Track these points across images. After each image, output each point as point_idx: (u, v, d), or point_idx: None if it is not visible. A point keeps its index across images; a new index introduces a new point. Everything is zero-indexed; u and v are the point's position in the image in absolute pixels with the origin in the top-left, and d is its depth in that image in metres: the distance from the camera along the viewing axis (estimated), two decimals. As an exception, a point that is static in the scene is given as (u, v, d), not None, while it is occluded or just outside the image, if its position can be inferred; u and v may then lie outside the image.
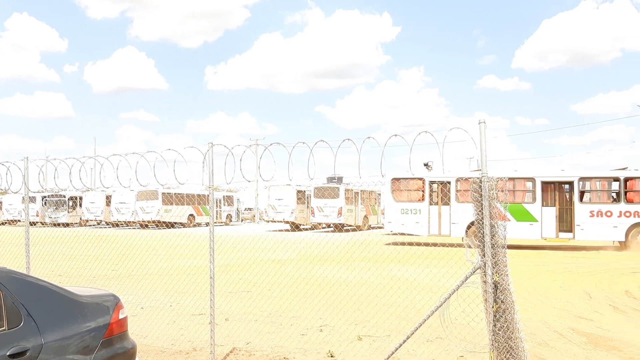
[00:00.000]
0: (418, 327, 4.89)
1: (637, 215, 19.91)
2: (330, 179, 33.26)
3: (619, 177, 20.31)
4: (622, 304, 9.34)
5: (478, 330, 5.46)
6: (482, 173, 4.79)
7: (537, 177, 20.94)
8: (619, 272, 13.53)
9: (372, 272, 12.76)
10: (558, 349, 6.50)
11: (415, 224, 21.87)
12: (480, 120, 4.80)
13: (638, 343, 6.75)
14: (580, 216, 20.35)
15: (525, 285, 11.36)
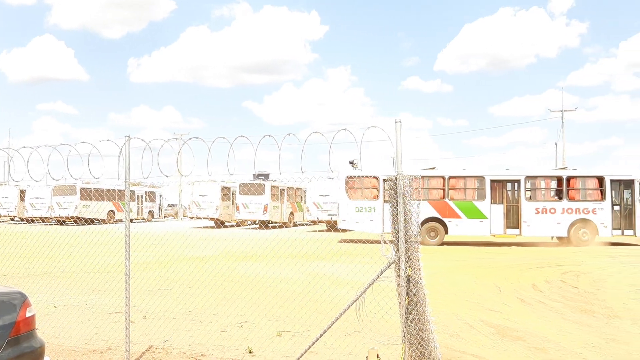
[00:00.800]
0: (334, 321, 4.99)
1: (578, 212, 21.21)
2: (257, 176, 33.10)
3: (562, 176, 21.67)
4: (529, 296, 9.89)
5: (392, 322, 5.65)
6: (397, 171, 4.95)
7: (486, 176, 21.79)
8: (528, 266, 14.30)
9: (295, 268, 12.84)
10: (468, 339, 6.82)
11: (369, 222, 21.87)
12: (397, 120, 4.95)
13: (541, 333, 7.18)
14: (526, 213, 21.40)
15: (441, 280, 11.80)
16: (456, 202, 21.73)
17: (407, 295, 4.88)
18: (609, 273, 13.01)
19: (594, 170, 21.85)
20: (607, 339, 6.88)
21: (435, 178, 22.06)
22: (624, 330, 7.31)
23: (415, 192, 5.07)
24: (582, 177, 21.57)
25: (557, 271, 13.32)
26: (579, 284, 11.24)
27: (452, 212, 21.70)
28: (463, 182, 21.97)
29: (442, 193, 21.86)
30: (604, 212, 21.18)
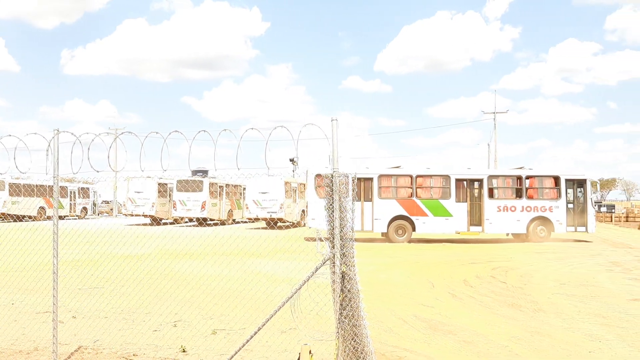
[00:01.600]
0: (269, 318, 4.99)
1: (536, 209, 22.22)
2: (195, 172, 32.55)
3: (521, 176, 22.55)
4: (460, 291, 10.21)
5: (326, 319, 5.71)
6: (334, 169, 4.99)
7: (451, 175, 22.40)
8: (460, 263, 14.76)
9: (233, 266, 12.74)
10: (401, 334, 6.97)
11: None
12: (333, 118, 4.99)
13: (471, 327, 7.43)
14: (488, 211, 22.22)
15: (378, 277, 12.01)
16: (423, 200, 22.19)
17: (341, 291, 4.94)
18: (535, 269, 13.60)
19: (550, 170, 22.98)
20: (532, 331, 7.19)
21: (403, 177, 22.45)
22: (547, 324, 7.66)
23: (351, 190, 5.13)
24: (540, 177, 22.67)
25: (487, 267, 13.82)
26: (508, 279, 11.70)
27: (419, 210, 22.12)
28: (430, 181, 22.52)
29: (410, 191, 22.26)
30: (559, 210, 22.23)
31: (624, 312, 8.43)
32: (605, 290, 10.51)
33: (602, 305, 8.92)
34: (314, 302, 5.58)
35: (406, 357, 5.92)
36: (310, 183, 22.24)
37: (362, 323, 5.02)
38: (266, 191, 29.43)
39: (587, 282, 11.52)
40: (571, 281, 11.57)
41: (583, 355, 6.08)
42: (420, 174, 22.47)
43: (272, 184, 29.15)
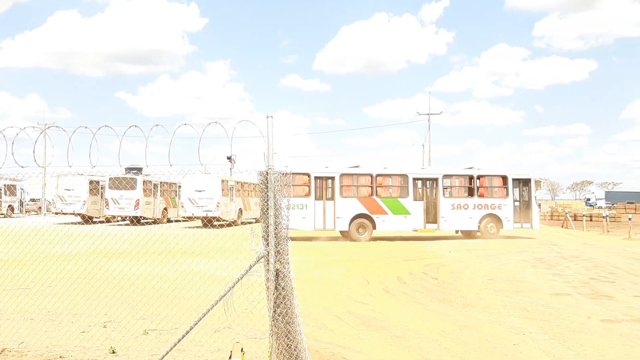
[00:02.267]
0: (201, 317, 4.94)
1: (486, 207, 23.38)
2: (129, 170, 31.66)
3: (473, 175, 23.53)
4: (394, 288, 10.43)
5: (260, 317, 5.71)
6: (268, 166, 5.00)
7: (409, 174, 23.10)
8: (394, 260, 15.07)
9: (166, 266, 12.50)
10: (335, 331, 7.06)
11: (301, 219, 21.84)
12: (268, 115, 5.00)
13: (403, 322, 7.61)
14: (443, 209, 23.09)
15: (314, 275, 12.08)
16: (383, 199, 22.71)
17: (275, 289, 4.95)
18: (465, 265, 14.07)
19: (498, 170, 24.29)
20: (461, 325, 7.44)
21: (364, 176, 22.87)
22: (475, 318, 7.94)
23: (285, 188, 5.14)
24: (489, 176, 23.84)
25: (420, 264, 14.17)
26: (439, 276, 12.04)
27: (379, 208, 22.57)
28: (389, 180, 23.13)
29: (370, 190, 22.69)
30: (507, 207, 23.52)
31: (547, 305, 8.85)
32: (530, 285, 11.00)
33: (527, 300, 9.34)
34: (247, 300, 5.57)
35: (339, 353, 6.00)
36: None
37: (296, 320, 5.05)
38: (202, 189, 29.00)
39: (514, 277, 12.02)
40: (499, 277, 12.05)
41: (508, 348, 6.35)
42: (380, 173, 22.97)
43: (208, 182, 28.75)
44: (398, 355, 6.02)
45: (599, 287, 10.79)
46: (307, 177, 22.29)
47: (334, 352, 6.03)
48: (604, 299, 9.47)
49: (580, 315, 8.12)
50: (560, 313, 8.27)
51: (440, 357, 5.94)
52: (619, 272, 13.07)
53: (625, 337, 6.89)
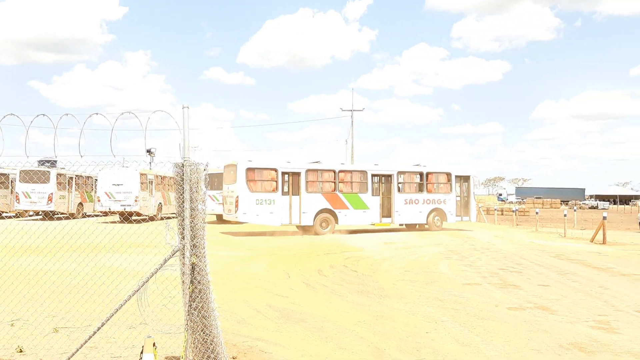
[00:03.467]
0: (113, 313, 4.81)
1: (434, 202, 25.07)
2: (42, 162, 30.07)
3: (422, 172, 25.10)
4: (314, 281, 10.55)
5: (175, 311, 5.62)
6: (184, 158, 4.91)
7: (368, 170, 24.09)
8: (317, 253, 15.22)
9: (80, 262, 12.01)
10: (254, 324, 7.05)
11: (269, 214, 21.93)
12: (184, 105, 4.90)
13: (321, 314, 7.71)
14: (397, 204, 24.34)
15: (235, 269, 12.00)
16: (345, 194, 23.38)
17: (191, 283, 4.88)
18: (384, 257, 14.43)
19: (443, 167, 25.98)
20: (377, 316, 7.64)
21: (327, 171, 23.40)
22: (391, 308, 8.18)
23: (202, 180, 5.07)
24: (436, 173, 25.53)
25: (341, 257, 14.40)
26: (359, 268, 12.29)
27: (341, 203, 23.25)
28: (350, 175, 23.87)
29: (333, 186, 23.26)
30: (451, 202, 25.35)
31: (458, 295, 9.25)
32: (444, 276, 11.44)
33: (440, 290, 9.71)
34: (163, 295, 5.46)
35: (257, 346, 6.00)
36: (240, 176, 21.79)
37: (212, 314, 5.01)
38: (120, 183, 28.01)
39: (429, 269, 12.46)
40: (415, 268, 12.45)
41: (420, 336, 6.58)
42: (342, 169, 23.80)
43: (126, 176, 27.81)
44: (315, 346, 6.10)
45: (507, 277, 11.38)
46: (274, 172, 22.40)
47: (251, 346, 6.03)
48: (511, 288, 10.01)
49: (488, 304, 8.53)
50: (471, 302, 8.67)
51: (356, 347, 6.07)
52: (526, 262, 13.84)
53: (528, 323, 7.31)
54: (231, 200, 22.13)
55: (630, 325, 7.22)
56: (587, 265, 13.40)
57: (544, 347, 6.12)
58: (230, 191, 22.26)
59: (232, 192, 22.02)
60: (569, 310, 8.10)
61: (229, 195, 22.43)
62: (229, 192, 22.46)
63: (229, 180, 22.73)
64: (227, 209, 22.67)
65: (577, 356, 5.81)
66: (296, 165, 22.90)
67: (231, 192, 22.19)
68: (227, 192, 22.74)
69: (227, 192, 22.74)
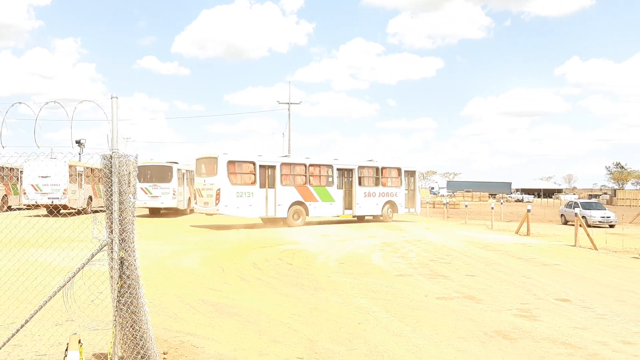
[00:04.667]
0: (38, 309, 4.64)
1: (388, 195, 26.88)
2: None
3: (378, 167, 26.70)
4: (249, 274, 10.51)
5: (103, 307, 5.46)
6: (113, 150, 4.77)
7: (334, 165, 25.25)
8: (252, 247, 15.16)
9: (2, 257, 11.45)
10: (186, 319, 6.96)
11: (248, 207, 22.34)
12: (113, 96, 4.76)
13: (255, 307, 7.70)
14: (358, 196, 25.81)
15: (168, 264, 11.78)
16: (314, 187, 24.42)
17: (119, 278, 4.77)
18: (320, 250, 14.55)
19: (395, 163, 27.82)
20: (311, 308, 7.71)
21: (299, 165, 24.30)
22: (325, 300, 8.27)
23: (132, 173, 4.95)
24: (389, 168, 27.19)
25: (277, 250, 14.41)
26: (294, 261, 12.35)
27: (311, 196, 24.27)
28: (318, 169, 24.82)
29: (304, 179, 24.20)
30: (401, 195, 27.36)
31: (390, 286, 9.46)
32: (377, 267, 11.67)
33: (373, 281, 9.90)
34: (90, 290, 5.30)
35: (189, 341, 5.94)
36: (222, 169, 21.77)
37: (142, 310, 4.91)
38: (47, 175, 26.83)
39: (363, 261, 12.68)
40: (349, 261, 12.63)
41: (353, 327, 6.70)
42: (312, 163, 24.63)
43: (54, 168, 26.66)
44: (248, 339, 6.10)
45: (437, 268, 11.74)
46: (252, 165, 22.79)
47: (183, 341, 5.95)
48: (440, 279, 10.33)
49: (418, 294, 8.78)
50: (402, 293, 8.89)
51: (289, 339, 6.11)
52: (455, 254, 14.32)
53: (456, 312, 7.58)
54: (210, 193, 22.15)
55: (549, 312, 7.62)
56: (511, 256, 14.01)
57: (469, 335, 6.37)
58: (209, 184, 22.27)
59: (212, 184, 22.07)
60: (494, 299, 8.45)
61: (207, 188, 22.39)
62: (207, 184, 22.41)
63: (207, 173, 22.74)
64: (204, 202, 22.62)
65: (500, 343, 6.08)
66: (271, 159, 23.57)
67: (210, 184, 22.20)
68: (204, 185, 22.68)
69: (204, 185, 22.68)
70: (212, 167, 22.25)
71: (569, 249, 16.19)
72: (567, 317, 7.36)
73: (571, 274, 11.22)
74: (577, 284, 10.07)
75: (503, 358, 5.56)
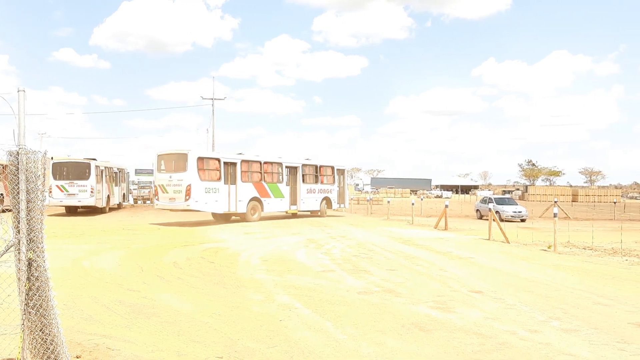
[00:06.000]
0: None
1: (325, 192, 29.46)
2: None
3: (317, 165, 28.98)
4: (169, 274, 10.28)
5: (11, 311, 5.19)
6: (19, 145, 4.54)
7: (283, 162, 26.97)
8: (173, 245, 14.84)
9: None
10: (102, 321, 6.73)
11: (215, 202, 23.16)
12: (20, 89, 4.53)
13: (175, 307, 7.55)
14: (302, 193, 27.81)
15: (83, 264, 11.33)
16: (268, 183, 25.89)
17: (27, 280, 4.54)
18: (243, 248, 14.46)
19: (329, 162, 30.39)
20: (232, 306, 7.65)
21: (256, 162, 25.52)
22: (247, 298, 8.23)
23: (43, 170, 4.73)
24: (325, 166, 29.70)
25: (199, 249, 14.19)
26: (216, 260, 12.20)
27: (266, 192, 25.71)
28: (271, 167, 26.30)
29: (260, 176, 25.58)
30: (334, 191, 30.08)
31: (313, 282, 9.55)
32: (300, 264, 11.74)
33: (296, 278, 9.95)
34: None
35: (104, 344, 5.74)
36: (192, 165, 22.29)
37: (52, 313, 4.71)
38: None
39: (287, 258, 12.71)
40: (273, 258, 12.62)
41: (274, 324, 6.71)
42: (266, 161, 26.05)
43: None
44: (167, 340, 5.97)
45: (359, 263, 11.96)
46: (217, 162, 23.66)
47: (98, 344, 5.75)
48: (362, 274, 10.53)
49: (340, 290, 8.92)
50: (324, 288, 8.99)
51: (209, 339, 6.04)
52: (377, 249, 14.64)
53: (376, 306, 7.75)
54: (178, 189, 22.48)
55: (464, 304, 7.95)
56: (430, 250, 14.49)
57: (388, 328, 6.54)
58: (177, 180, 22.56)
59: (181, 180, 22.44)
60: (412, 293, 8.72)
61: (174, 184, 22.61)
62: (174, 180, 22.63)
63: (175, 169, 23.03)
64: (169, 198, 22.77)
65: (416, 335, 6.29)
66: (233, 156, 24.54)
67: (178, 180, 22.51)
68: (169, 181, 22.85)
69: (169, 181, 22.85)
70: (181, 163, 22.69)
71: (483, 243, 16.93)
72: (480, 308, 7.71)
73: (485, 267, 11.75)
74: (489, 276, 10.56)
75: (419, 349, 5.75)
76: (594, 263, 12.58)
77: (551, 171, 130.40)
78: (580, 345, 5.87)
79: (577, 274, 10.85)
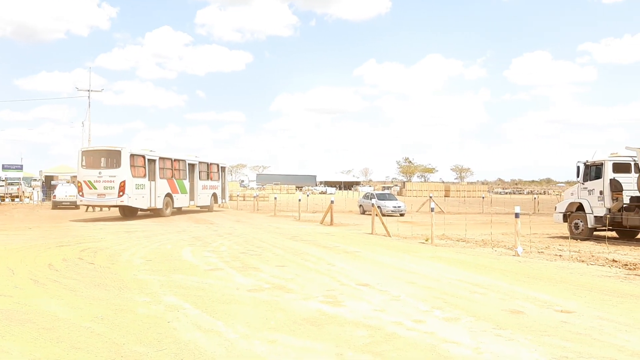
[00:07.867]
0: None
1: (213, 188, 32.01)
2: None
3: (209, 163, 31.46)
4: (44, 277, 9.57)
5: None
6: None
7: (186, 160, 28.81)
8: (48, 246, 13.85)
9: None
10: (-33, 331, 6.11)
11: (142, 198, 24.22)
12: None
13: (52, 312, 7.04)
14: (197, 189, 29.85)
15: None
16: (177, 180, 27.49)
17: None
18: (124, 248, 13.82)
19: (215, 160, 32.63)
20: (116, 309, 7.27)
21: (167, 160, 26.85)
22: (131, 300, 7.87)
23: None
24: (214, 164, 32.16)
25: (76, 249, 13.37)
26: (96, 260, 11.55)
27: (176, 188, 27.29)
28: (178, 164, 27.75)
29: (171, 173, 27.03)
30: (220, 187, 32.82)
31: (201, 281, 9.34)
32: (187, 263, 11.43)
33: (183, 278, 9.67)
34: None
35: (-30, 356, 5.22)
36: (125, 162, 23.04)
37: None
38: None
39: (172, 256, 12.33)
40: (157, 257, 12.18)
41: (162, 326, 6.46)
42: (176, 158, 27.67)
43: None
44: (44, 348, 5.55)
45: (248, 260, 11.88)
46: (143, 159, 24.53)
47: (-37, 356, 5.21)
48: (251, 271, 10.47)
49: (230, 288, 8.80)
50: (213, 287, 8.82)
51: (92, 345, 5.70)
52: (265, 245, 14.64)
53: (267, 303, 7.73)
54: (110, 185, 22.95)
55: (352, 297, 8.16)
56: (317, 245, 14.74)
57: (280, 325, 6.55)
58: (109, 176, 23.05)
59: (114, 177, 23.00)
60: (302, 288, 8.81)
61: (105, 180, 23.03)
62: (105, 177, 23.07)
63: (106, 165, 23.54)
64: (97, 194, 23.14)
65: (308, 330, 6.35)
66: (153, 154, 25.59)
67: (111, 177, 23.01)
68: (99, 177, 23.18)
69: (99, 177, 23.18)
70: (114, 159, 23.26)
71: (367, 237, 17.51)
72: (368, 300, 7.95)
73: (369, 260, 12.15)
74: (374, 269, 10.93)
75: (312, 344, 5.81)
76: (468, 254, 13.46)
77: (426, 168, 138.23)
78: (462, 333, 6.25)
79: (453, 265, 11.54)
